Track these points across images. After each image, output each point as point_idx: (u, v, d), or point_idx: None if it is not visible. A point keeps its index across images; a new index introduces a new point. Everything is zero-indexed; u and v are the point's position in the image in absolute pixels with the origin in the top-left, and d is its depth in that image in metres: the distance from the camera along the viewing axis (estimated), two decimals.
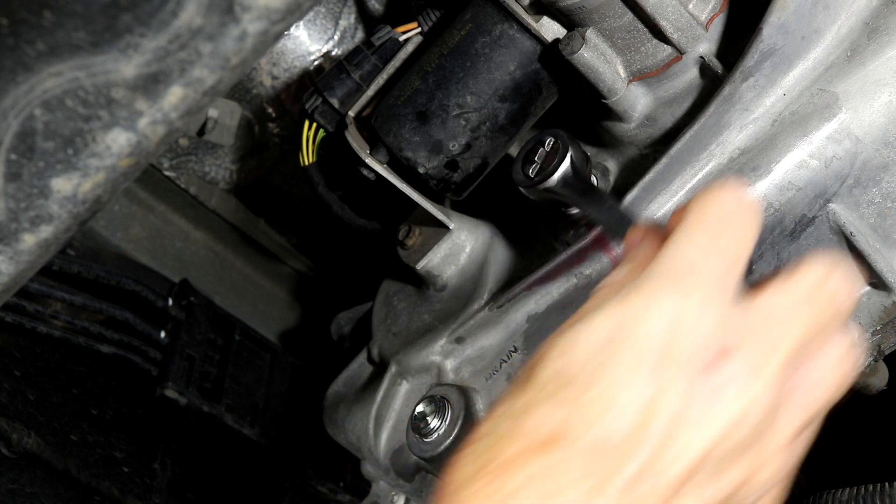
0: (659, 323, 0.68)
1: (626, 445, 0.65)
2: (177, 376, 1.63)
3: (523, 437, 0.66)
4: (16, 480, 1.42)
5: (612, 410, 0.66)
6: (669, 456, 0.66)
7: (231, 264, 1.95)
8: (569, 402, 0.66)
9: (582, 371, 0.67)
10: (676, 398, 0.66)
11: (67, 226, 0.77)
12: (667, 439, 0.66)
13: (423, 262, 1.26)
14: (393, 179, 1.21)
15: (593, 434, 0.65)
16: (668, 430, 0.66)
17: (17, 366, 1.57)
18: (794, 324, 0.71)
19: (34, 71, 0.71)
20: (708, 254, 0.71)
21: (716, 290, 0.69)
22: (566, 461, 0.65)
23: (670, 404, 0.66)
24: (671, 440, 0.66)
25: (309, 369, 1.90)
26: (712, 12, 1.05)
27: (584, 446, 0.65)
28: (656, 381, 0.66)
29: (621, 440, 0.65)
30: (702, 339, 0.68)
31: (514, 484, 0.65)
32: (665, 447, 0.66)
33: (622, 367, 0.67)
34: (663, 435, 0.66)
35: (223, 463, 1.75)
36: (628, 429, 0.65)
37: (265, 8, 0.69)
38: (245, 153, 1.76)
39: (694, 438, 0.66)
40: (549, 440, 0.65)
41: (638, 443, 0.65)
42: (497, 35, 1.13)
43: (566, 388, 0.67)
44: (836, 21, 1.01)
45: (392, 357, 1.28)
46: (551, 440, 0.65)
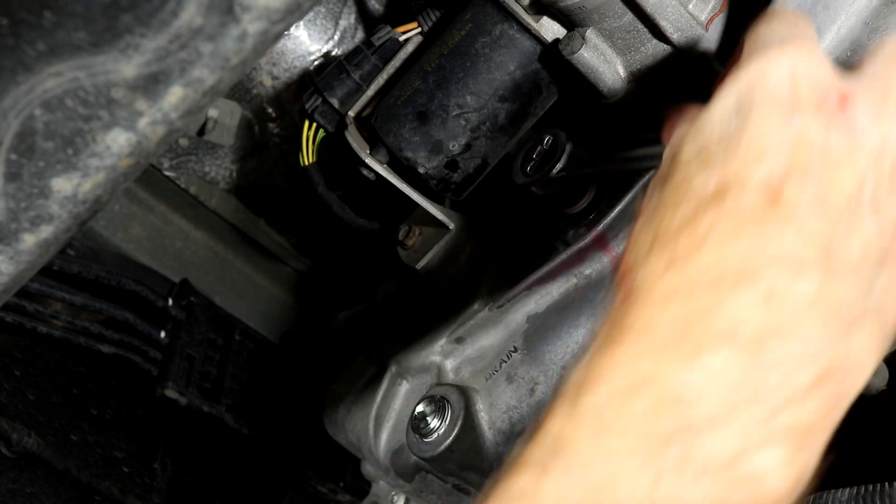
0: (780, 76, 0.69)
1: (791, 181, 0.66)
2: (177, 376, 1.63)
3: (688, 201, 0.67)
4: (16, 480, 1.42)
5: (766, 156, 0.66)
6: (828, 186, 0.66)
7: (231, 264, 1.95)
8: (721, 165, 0.67)
9: (722, 139, 0.68)
10: (818, 135, 0.67)
11: (67, 226, 0.77)
12: (824, 169, 0.66)
13: (424, 262, 1.26)
14: (393, 179, 1.21)
15: (757, 177, 0.66)
16: (824, 162, 0.66)
17: (17, 366, 1.57)
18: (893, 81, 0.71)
19: (34, 71, 0.71)
20: (796, 24, 0.73)
21: (818, 48, 0.71)
22: (740, 204, 0.66)
23: (816, 140, 0.67)
24: (829, 169, 0.66)
25: (309, 369, 1.90)
26: (712, 12, 1.05)
27: (753, 189, 0.66)
28: (795, 123, 0.67)
29: (782, 178, 0.66)
30: (823, 84, 0.69)
31: (696, 237, 0.65)
32: (822, 178, 0.66)
33: (760, 121, 0.67)
34: (821, 166, 0.66)
35: (223, 463, 1.75)
36: (787, 166, 0.66)
37: (265, 8, 0.70)
38: (245, 153, 1.76)
39: (845, 168, 0.67)
40: (717, 194, 0.66)
41: (801, 176, 0.66)
42: (497, 35, 1.13)
43: (713, 156, 0.68)
44: (836, 21, 1.01)
45: (392, 357, 1.28)
46: (719, 193, 0.66)
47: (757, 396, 0.63)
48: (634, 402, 0.63)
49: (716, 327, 0.63)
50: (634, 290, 0.67)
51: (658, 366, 0.63)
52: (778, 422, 0.63)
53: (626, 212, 1.07)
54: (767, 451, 0.63)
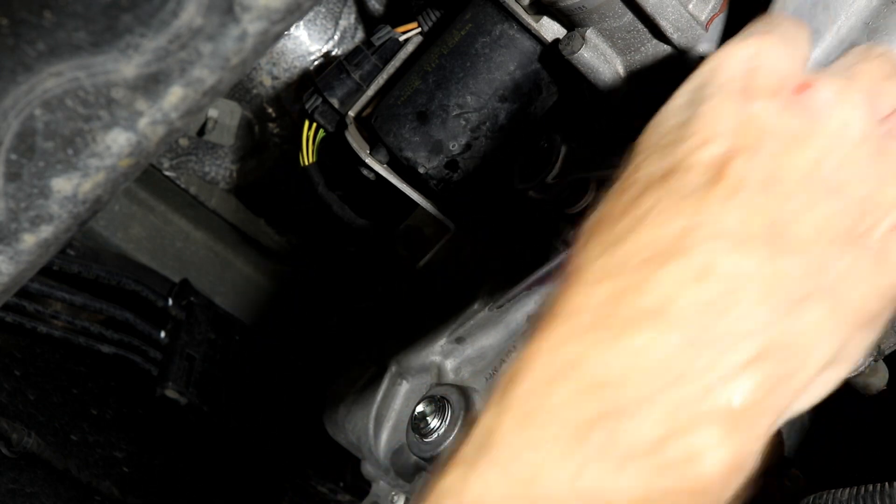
0: (737, 65, 0.68)
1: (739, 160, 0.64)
2: (177, 376, 1.63)
3: (636, 185, 0.66)
4: (16, 480, 1.42)
5: (715, 138, 0.65)
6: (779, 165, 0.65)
7: (231, 264, 1.95)
8: (671, 150, 0.66)
9: (676, 126, 0.68)
10: (772, 117, 0.66)
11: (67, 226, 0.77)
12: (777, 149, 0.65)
13: (423, 262, 1.26)
14: (393, 179, 1.21)
15: (703, 157, 0.65)
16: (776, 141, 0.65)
17: (17, 366, 1.57)
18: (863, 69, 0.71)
19: (34, 71, 0.71)
20: (771, 26, 0.72)
21: (789, 40, 0.70)
22: (684, 184, 0.64)
23: (769, 122, 0.66)
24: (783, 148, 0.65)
25: (309, 369, 1.90)
26: (712, 12, 1.05)
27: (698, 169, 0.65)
28: (749, 107, 0.66)
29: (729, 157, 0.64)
30: (782, 72, 0.68)
31: (636, 218, 0.64)
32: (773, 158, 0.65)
33: (712, 107, 0.67)
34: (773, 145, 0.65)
35: (223, 463, 1.75)
36: (735, 146, 0.65)
37: (265, 8, 0.70)
38: (245, 153, 1.76)
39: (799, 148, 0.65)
40: (663, 176, 0.65)
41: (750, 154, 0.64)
42: (497, 35, 1.13)
43: (665, 144, 0.67)
44: (836, 21, 1.01)
45: (392, 357, 1.28)
46: (665, 175, 0.65)
47: (685, 376, 0.60)
48: (558, 389, 0.61)
49: (642, 305, 0.61)
50: (569, 275, 0.65)
51: (582, 349, 0.61)
52: (709, 402, 0.60)
53: None
54: (698, 434, 0.60)
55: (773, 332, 0.62)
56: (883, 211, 0.67)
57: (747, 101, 0.66)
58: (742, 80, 0.67)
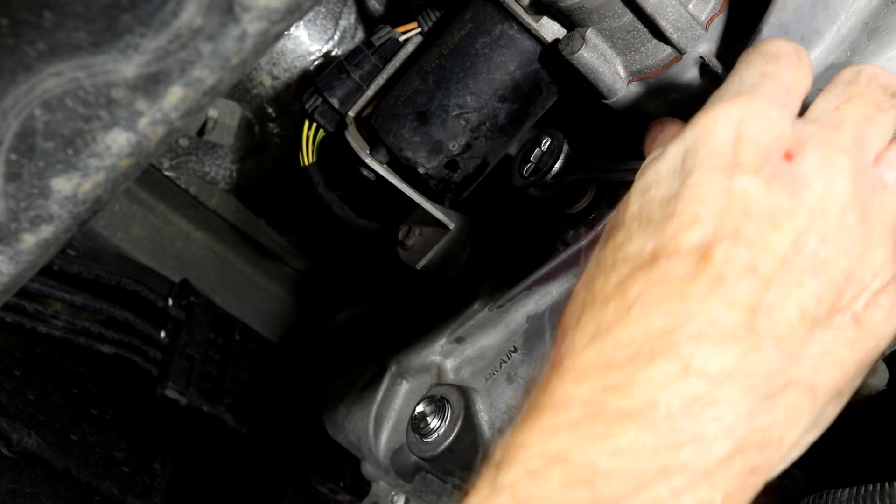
0: (724, 135, 0.69)
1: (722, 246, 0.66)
2: (177, 376, 1.63)
3: (623, 265, 0.68)
4: (16, 480, 1.42)
5: (699, 221, 0.67)
6: (760, 249, 0.66)
7: (231, 264, 1.95)
8: (658, 229, 0.68)
9: (663, 200, 0.69)
10: (756, 196, 0.67)
11: (67, 226, 0.77)
12: (759, 232, 0.66)
13: (424, 262, 1.26)
14: (393, 179, 1.21)
15: (689, 243, 0.66)
16: (759, 223, 0.66)
17: (17, 366, 1.57)
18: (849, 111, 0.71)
19: (34, 71, 0.71)
20: (766, 75, 0.72)
21: (776, 102, 0.70)
22: (670, 271, 0.66)
23: (753, 201, 0.66)
24: (764, 231, 0.66)
25: (309, 369, 1.90)
26: (712, 12, 1.05)
27: (684, 255, 0.66)
28: (734, 185, 0.67)
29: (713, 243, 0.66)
30: (769, 141, 0.68)
31: (624, 306, 0.66)
32: (754, 241, 0.66)
33: (698, 184, 0.68)
34: (756, 228, 0.66)
35: (223, 463, 1.75)
36: (719, 231, 0.66)
37: (265, 8, 0.70)
38: (245, 153, 1.76)
39: (780, 228, 0.66)
40: (650, 259, 0.67)
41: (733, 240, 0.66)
42: (497, 35, 1.13)
43: (653, 218, 0.68)
44: (836, 21, 1.01)
45: (392, 357, 1.28)
46: (652, 258, 0.67)
47: (667, 472, 0.63)
48: (547, 480, 0.64)
49: (627, 404, 0.64)
50: (559, 361, 0.67)
51: (570, 443, 0.64)
52: (689, 495, 0.63)
53: None
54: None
55: (749, 426, 0.64)
56: (865, 280, 0.68)
57: (731, 177, 0.67)
58: (727, 153, 0.68)
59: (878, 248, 0.68)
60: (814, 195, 0.67)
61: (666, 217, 0.68)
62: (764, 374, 0.64)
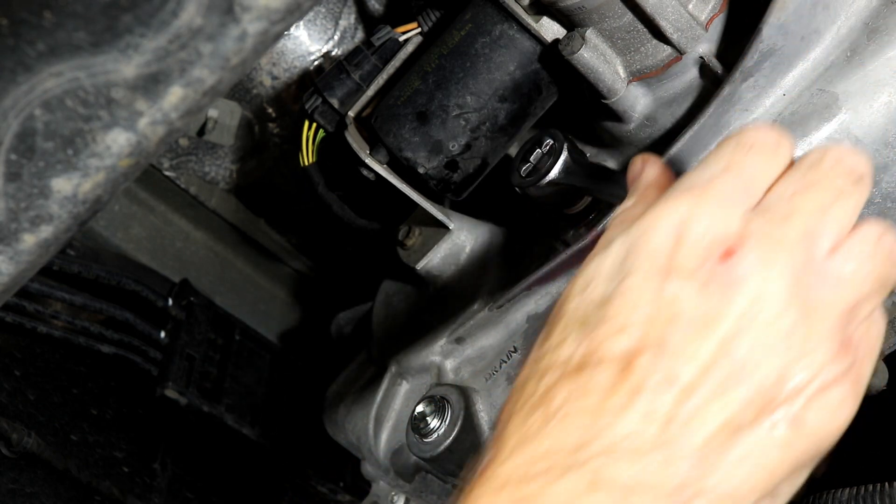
0: (665, 232, 0.69)
1: (645, 357, 0.66)
2: (177, 376, 1.63)
3: (553, 370, 0.69)
4: (16, 480, 1.42)
5: (627, 328, 0.67)
6: (683, 358, 0.66)
7: (231, 264, 1.95)
8: (589, 334, 0.68)
9: (600, 302, 0.69)
10: (686, 303, 0.67)
11: (67, 226, 0.77)
12: (683, 342, 0.66)
13: (423, 262, 1.26)
14: (393, 179, 1.21)
15: (614, 351, 0.67)
16: (684, 333, 0.66)
17: (17, 366, 1.57)
18: (803, 201, 0.70)
19: (34, 71, 0.71)
20: (729, 167, 0.71)
21: (727, 199, 0.69)
22: (593, 381, 0.67)
23: (682, 309, 0.66)
24: (689, 341, 0.66)
25: (309, 369, 1.90)
26: (712, 12, 1.05)
27: (608, 365, 0.67)
28: (666, 291, 0.67)
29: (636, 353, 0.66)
30: (709, 242, 0.68)
31: (547, 415, 0.67)
32: (678, 350, 0.66)
33: (633, 287, 0.68)
34: (680, 338, 0.66)
35: (223, 463, 1.75)
36: (644, 340, 0.66)
37: (265, 8, 0.70)
38: (245, 153, 1.76)
39: (706, 336, 0.66)
40: (578, 367, 0.68)
41: (657, 350, 0.66)
42: (497, 35, 1.13)
43: (587, 320, 0.69)
44: (836, 21, 1.01)
45: (392, 357, 1.28)
46: (580, 366, 0.68)
47: None
48: None
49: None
50: (484, 468, 0.69)
51: None
52: None
53: None
54: None
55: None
56: (804, 381, 0.67)
57: (665, 282, 0.67)
58: (664, 255, 0.68)
59: (821, 346, 0.67)
60: (746, 298, 0.66)
61: (598, 321, 0.68)
62: (675, 486, 0.65)
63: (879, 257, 0.70)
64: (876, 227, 0.70)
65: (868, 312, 0.70)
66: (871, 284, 0.69)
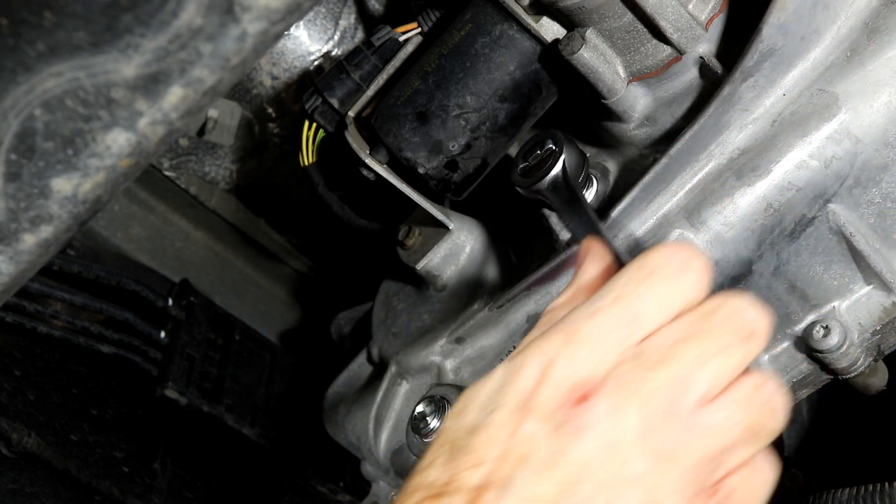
0: (532, 372, 0.71)
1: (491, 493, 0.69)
2: (177, 376, 1.63)
3: (420, 491, 0.71)
4: (16, 480, 1.42)
5: (482, 464, 0.70)
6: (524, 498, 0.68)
7: (231, 264, 1.95)
8: (453, 461, 0.71)
9: (468, 428, 0.72)
10: (538, 444, 0.69)
11: (67, 226, 0.77)
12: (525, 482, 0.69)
13: (423, 262, 1.26)
14: (393, 179, 1.21)
15: (469, 484, 0.70)
16: (529, 473, 0.69)
17: (17, 366, 1.57)
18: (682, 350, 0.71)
19: (34, 71, 0.71)
20: (617, 299, 0.72)
21: (600, 341, 0.71)
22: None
23: (533, 450, 0.69)
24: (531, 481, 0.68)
25: (309, 369, 1.90)
26: (712, 12, 1.05)
27: (461, 496, 0.70)
28: (519, 430, 0.70)
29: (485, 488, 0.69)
30: (570, 385, 0.70)
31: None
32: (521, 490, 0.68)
33: (495, 423, 0.71)
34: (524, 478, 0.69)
35: (223, 463, 1.75)
36: (492, 476, 0.69)
37: (265, 8, 0.70)
38: (245, 153, 1.76)
39: (549, 478, 0.68)
40: (437, 493, 0.70)
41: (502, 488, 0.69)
42: (497, 35, 1.13)
43: (455, 446, 0.72)
44: (836, 21, 1.01)
45: (392, 357, 1.28)
46: (439, 494, 0.70)
47: None
48: None
49: None
50: None
51: None
52: None
53: (626, 212, 1.07)
54: None
55: None
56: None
57: (523, 421, 0.70)
58: (527, 394, 0.71)
59: (674, 494, 0.68)
60: (594, 444, 0.68)
61: (462, 450, 0.71)
62: None
63: (754, 407, 0.71)
64: (755, 378, 0.71)
65: (741, 461, 0.71)
66: (740, 433, 0.70)
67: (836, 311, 1.07)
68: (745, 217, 1.03)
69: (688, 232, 1.05)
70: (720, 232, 1.04)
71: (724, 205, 1.03)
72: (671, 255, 0.73)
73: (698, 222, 1.04)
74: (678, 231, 1.05)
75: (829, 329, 1.05)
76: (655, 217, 1.06)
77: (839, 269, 1.05)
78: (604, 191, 1.17)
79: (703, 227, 1.04)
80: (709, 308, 0.72)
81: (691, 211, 1.05)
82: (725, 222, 1.03)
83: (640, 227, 1.07)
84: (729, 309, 0.72)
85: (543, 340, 0.72)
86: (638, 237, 1.06)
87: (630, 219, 1.07)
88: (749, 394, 0.71)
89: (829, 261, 1.05)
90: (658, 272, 0.72)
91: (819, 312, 1.07)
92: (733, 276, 1.05)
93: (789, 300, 1.07)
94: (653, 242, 1.07)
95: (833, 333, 1.05)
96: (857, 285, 1.06)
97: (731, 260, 1.04)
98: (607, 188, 1.17)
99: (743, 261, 1.04)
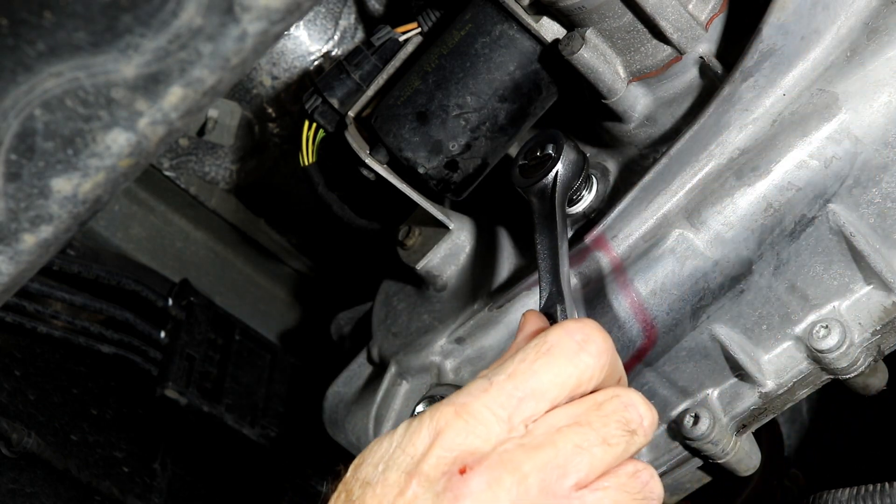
0: (425, 437, 0.75)
1: None
2: (177, 376, 1.63)
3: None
4: (16, 480, 1.42)
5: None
6: None
7: (231, 264, 1.95)
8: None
9: (363, 482, 0.76)
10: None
11: (67, 226, 0.77)
12: None
13: (423, 262, 1.26)
14: (393, 179, 1.21)
15: None
16: None
17: (17, 366, 1.57)
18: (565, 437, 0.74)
19: (34, 71, 0.71)
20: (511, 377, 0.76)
21: (489, 416, 0.75)
22: None
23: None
24: None
25: (309, 369, 1.90)
26: (712, 12, 1.05)
27: None
28: (404, 492, 0.73)
29: None
30: (456, 454, 0.74)
31: None
32: None
33: (385, 482, 0.75)
34: None
35: (223, 463, 1.75)
36: None
37: (265, 8, 0.70)
38: (245, 153, 1.76)
39: None
40: None
41: None
42: (497, 35, 1.13)
43: (350, 498, 0.76)
44: (836, 21, 1.01)
45: (392, 357, 1.28)
46: None
47: None
48: None
49: None
50: None
51: None
52: None
53: (626, 212, 1.07)
54: None
55: None
56: None
57: (410, 483, 0.74)
58: (416, 459, 0.74)
59: None
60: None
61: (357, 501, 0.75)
62: None
63: (628, 494, 0.75)
64: (632, 465, 0.76)
65: None
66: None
67: (836, 311, 1.07)
68: (745, 217, 1.03)
69: (688, 232, 1.05)
70: (720, 232, 1.04)
71: (724, 205, 1.03)
72: (571, 332, 0.77)
73: (698, 222, 1.04)
74: (678, 231, 1.05)
75: (830, 329, 1.05)
76: (655, 217, 1.06)
77: (839, 269, 1.06)
78: (604, 191, 1.17)
79: (703, 227, 1.04)
80: (599, 399, 0.77)
81: (691, 211, 1.05)
82: (725, 222, 1.03)
83: (640, 227, 1.07)
84: (618, 403, 0.77)
85: (439, 408, 0.76)
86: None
87: (630, 219, 1.07)
88: (624, 480, 0.75)
89: (829, 261, 1.05)
90: (555, 350, 0.76)
91: (819, 312, 1.07)
92: (733, 276, 1.05)
93: (789, 300, 1.07)
94: (652, 243, 1.07)
95: (833, 333, 1.05)
96: (857, 285, 1.06)
97: (731, 260, 1.04)
98: (607, 188, 1.17)
99: (743, 261, 1.04)
